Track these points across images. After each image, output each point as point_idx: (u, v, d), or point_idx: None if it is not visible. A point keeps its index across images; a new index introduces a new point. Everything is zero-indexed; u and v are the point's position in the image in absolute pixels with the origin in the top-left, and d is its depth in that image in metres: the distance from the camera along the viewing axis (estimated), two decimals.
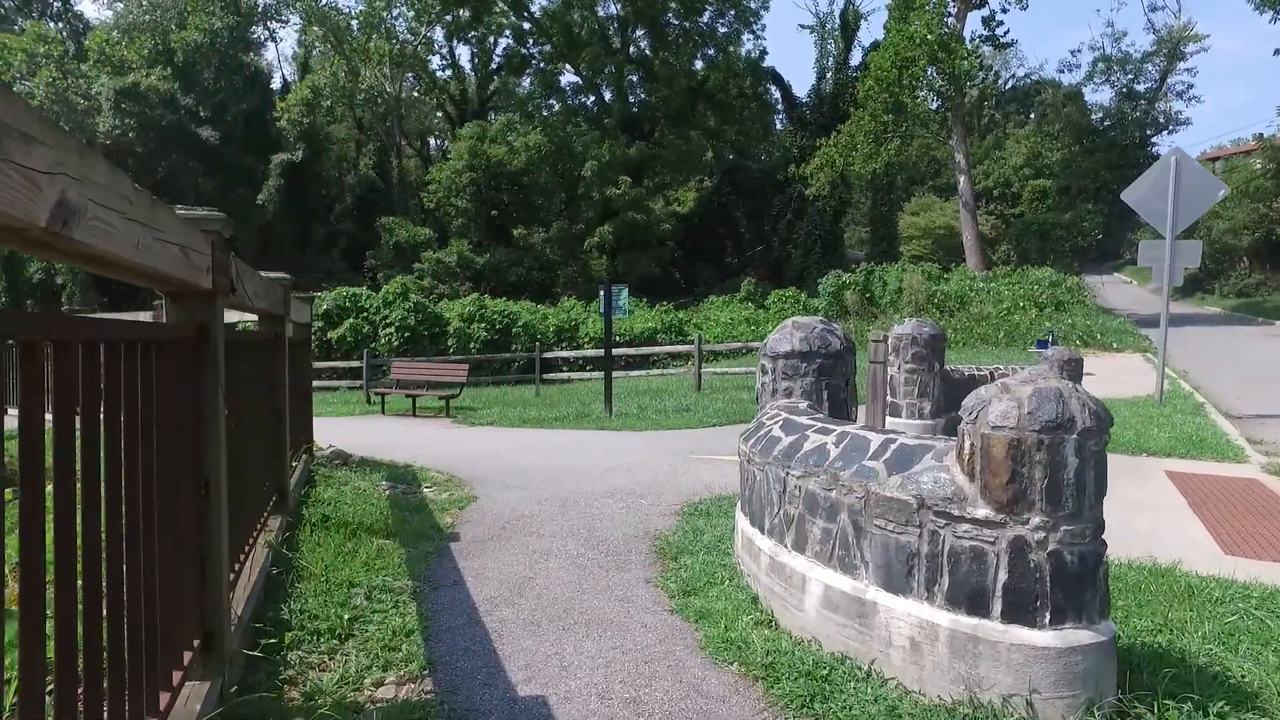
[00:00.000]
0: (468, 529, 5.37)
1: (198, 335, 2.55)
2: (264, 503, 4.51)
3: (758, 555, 3.77)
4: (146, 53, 41.71)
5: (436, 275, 34.73)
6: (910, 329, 9.04)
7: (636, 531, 5.20)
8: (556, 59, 45.16)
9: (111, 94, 38.90)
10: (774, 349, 5.00)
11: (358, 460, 7.98)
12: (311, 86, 40.52)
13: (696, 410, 12.20)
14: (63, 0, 53.32)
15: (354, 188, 42.57)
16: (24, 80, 41.63)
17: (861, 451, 3.13)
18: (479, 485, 6.88)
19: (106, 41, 42.82)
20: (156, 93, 39.37)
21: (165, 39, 41.67)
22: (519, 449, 9.16)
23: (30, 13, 50.66)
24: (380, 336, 24.32)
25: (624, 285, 12.08)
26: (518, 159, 39.07)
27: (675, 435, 10.02)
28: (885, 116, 30.82)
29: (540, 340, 23.56)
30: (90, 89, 40.68)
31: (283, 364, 4.91)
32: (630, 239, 38.28)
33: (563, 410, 13.12)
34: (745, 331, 26.16)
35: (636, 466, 7.60)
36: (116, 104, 38.97)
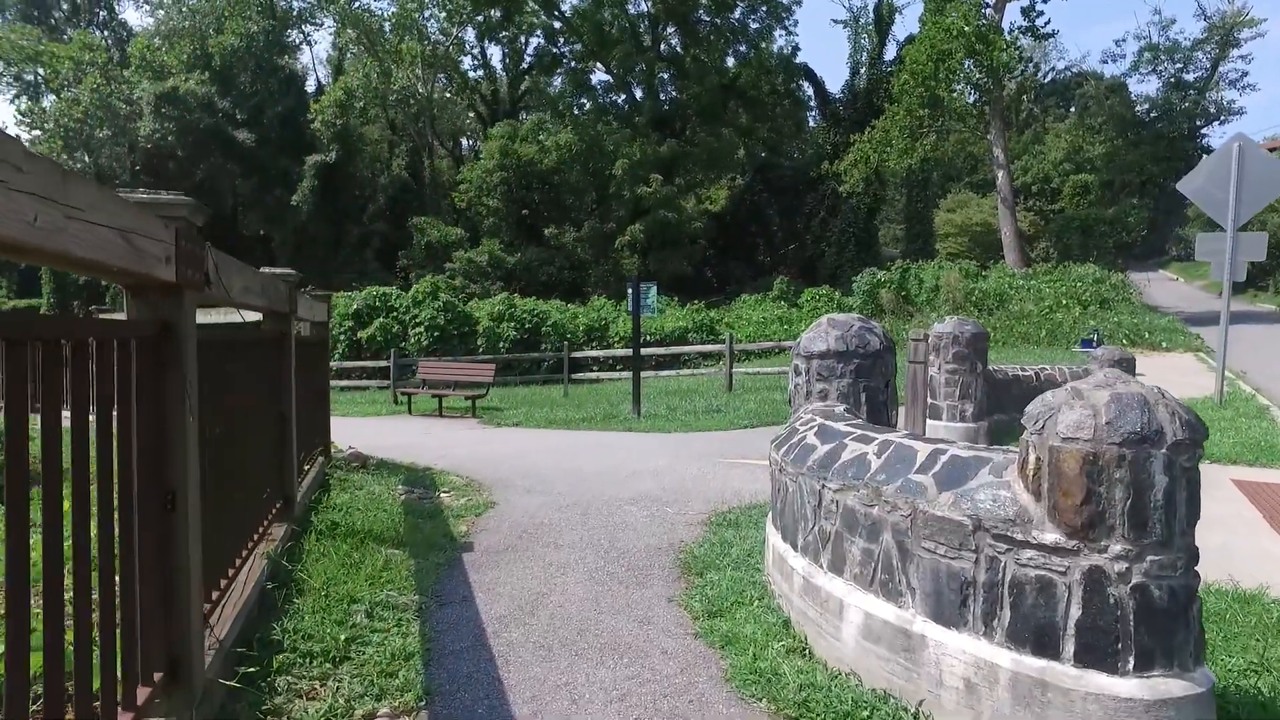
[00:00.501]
0: (483, 538, 5.10)
1: (160, 333, 2.29)
2: (265, 511, 4.27)
3: (790, 575, 3.43)
4: (186, 58, 42.33)
5: (468, 275, 34.73)
6: (951, 327, 8.61)
7: (660, 543, 4.88)
8: (587, 57, 44.99)
9: (152, 98, 39.53)
10: (808, 348, 4.65)
11: (376, 463, 7.76)
12: (344, 88, 40.81)
13: (727, 411, 11.85)
14: (109, 9, 54.43)
15: (387, 188, 42.78)
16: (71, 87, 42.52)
17: (907, 463, 2.78)
18: (499, 490, 6.61)
19: (148, 48, 43.55)
20: (195, 96, 39.92)
21: (203, 44, 42.26)
22: (543, 451, 8.90)
23: (78, 22, 51.75)
24: (410, 336, 24.29)
25: (653, 283, 11.78)
26: (548, 158, 38.96)
27: (705, 437, 9.69)
28: (921, 111, 30.13)
29: (570, 340, 23.34)
30: (132, 94, 41.39)
31: (288, 364, 4.67)
32: (662, 237, 37.97)
33: (590, 411, 12.85)
34: (778, 331, 25.70)
35: (663, 471, 7.29)
36: (156, 108, 39.59)
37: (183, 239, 2.27)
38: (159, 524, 2.29)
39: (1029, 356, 16.63)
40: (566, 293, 33.57)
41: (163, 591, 2.31)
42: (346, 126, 40.31)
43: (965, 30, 27.16)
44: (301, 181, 38.85)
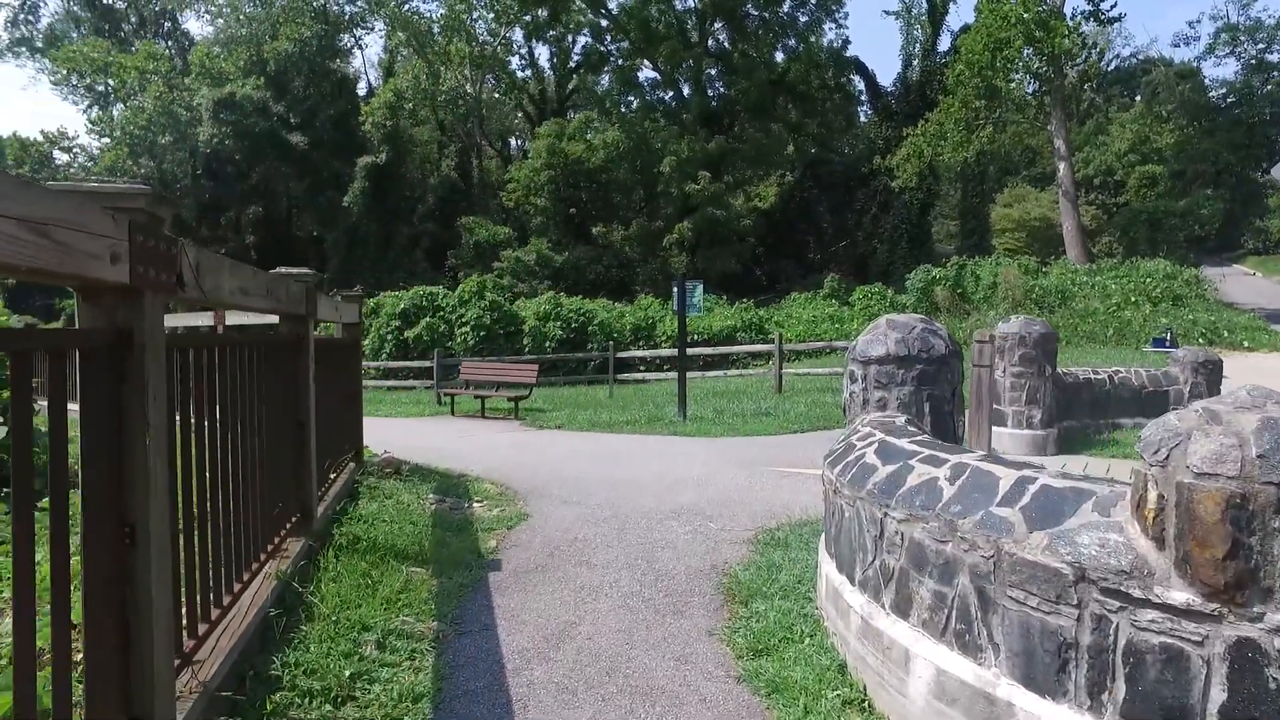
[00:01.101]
0: (512, 555, 4.77)
1: (116, 342, 1.99)
2: (277, 526, 4.00)
3: (847, 613, 3.02)
4: (242, 64, 43.24)
5: (516, 274, 34.70)
6: (1017, 327, 8.03)
7: (702, 564, 4.49)
8: (634, 55, 44.67)
9: (210, 104, 40.45)
10: (865, 352, 4.22)
11: (410, 469, 7.52)
12: (394, 90, 41.20)
13: (776, 414, 11.39)
14: (173, 21, 55.97)
15: (436, 188, 43.06)
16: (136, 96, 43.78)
17: (987, 493, 2.35)
18: (533, 500, 6.29)
19: (207, 55, 44.61)
20: (250, 101, 40.71)
21: (259, 50, 43.09)
22: (583, 456, 8.57)
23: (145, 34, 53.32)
24: (456, 335, 24.25)
25: (699, 281, 11.37)
26: (596, 156, 38.76)
27: (752, 443, 9.25)
28: (977, 102, 29.11)
29: (616, 339, 23.03)
30: (192, 101, 42.43)
31: (306, 369, 4.40)
32: (710, 235, 37.49)
33: (634, 413, 12.50)
34: (828, 330, 25.03)
35: (707, 480, 6.89)
36: (215, 113, 40.48)
37: (139, 234, 1.96)
38: (114, 562, 1.99)
39: (1095, 357, 15.78)
40: (614, 291, 33.32)
41: (119, 639, 2.01)
42: (396, 128, 40.68)
43: (1024, 17, 26.09)
44: (353, 183, 39.33)
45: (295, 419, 4.37)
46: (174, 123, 42.76)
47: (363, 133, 41.56)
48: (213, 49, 46.81)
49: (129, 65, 45.30)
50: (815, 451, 8.18)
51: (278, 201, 44.55)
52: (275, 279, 3.60)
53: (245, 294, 3.06)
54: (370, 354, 24.38)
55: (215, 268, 2.67)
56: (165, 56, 47.50)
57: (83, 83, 50.04)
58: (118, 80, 46.37)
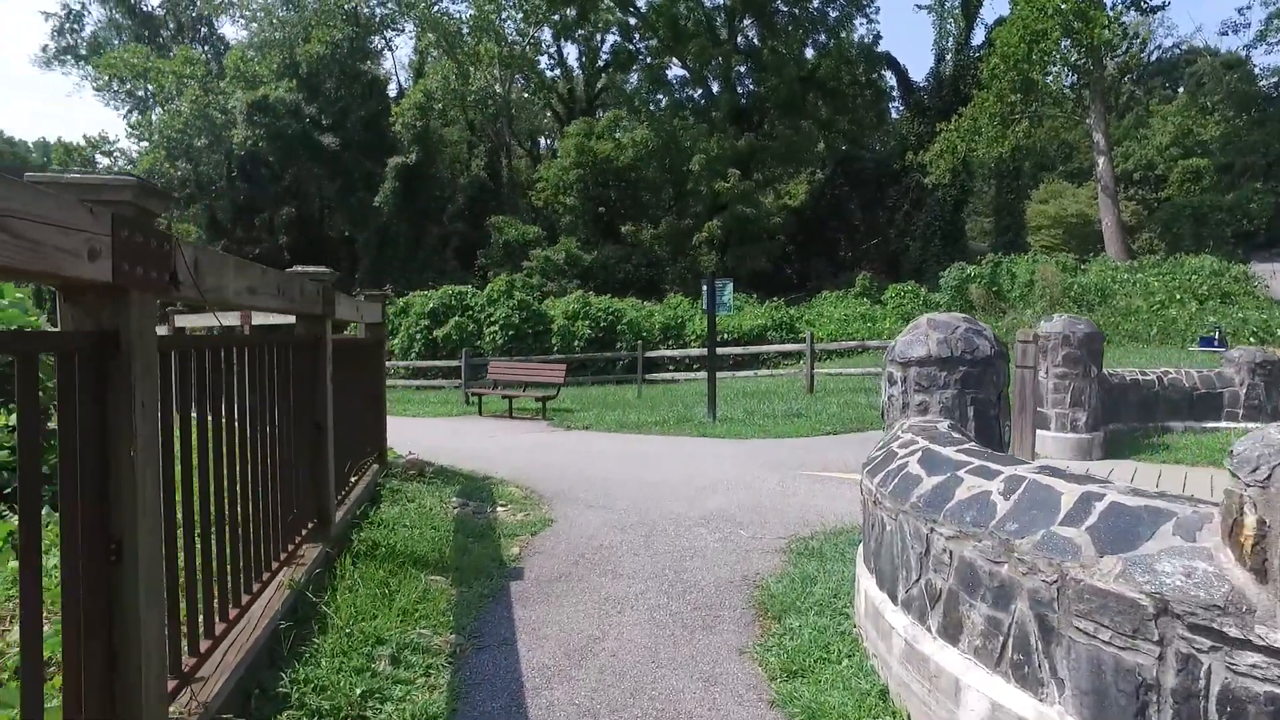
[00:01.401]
0: (535, 563, 4.61)
1: (99, 346, 1.84)
2: (292, 533, 3.88)
3: (888, 634, 2.81)
4: (275, 67, 43.75)
5: (545, 273, 34.69)
6: (1061, 326, 7.71)
7: (733, 575, 4.29)
8: (663, 53, 44.46)
9: (244, 107, 40.96)
10: (904, 354, 4.00)
11: (435, 471, 7.41)
12: (424, 90, 41.40)
13: (808, 416, 11.13)
14: (209, 26, 56.90)
15: (466, 188, 43.21)
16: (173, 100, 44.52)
17: (1047, 510, 2.13)
18: (558, 504, 6.13)
19: (241, 59, 45.21)
20: (283, 104, 41.16)
21: (292, 52, 43.56)
22: (611, 458, 8.40)
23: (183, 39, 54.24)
24: (485, 335, 24.25)
25: (728, 280, 11.14)
26: (625, 155, 38.63)
27: (783, 445, 9.02)
28: (1012, 96, 28.47)
29: (645, 338, 22.87)
30: (227, 104, 43.02)
31: (323, 370, 4.28)
32: (740, 233, 37.19)
33: (663, 414, 12.31)
34: (861, 329, 24.64)
35: (738, 484, 6.68)
36: (249, 116, 40.99)
37: (125, 229, 1.82)
38: (98, 580, 1.85)
39: (1139, 356, 15.29)
40: (643, 290, 33.18)
41: (104, 662, 1.87)
42: (426, 128, 40.90)
43: (1062, 8, 25.46)
44: (383, 183, 39.60)
45: (312, 421, 4.25)
46: (209, 126, 43.41)
47: (393, 133, 41.84)
48: (247, 52, 47.45)
49: (166, 70, 46.10)
50: (849, 454, 7.95)
51: (310, 202, 45.02)
52: (287, 278, 3.47)
53: (254, 293, 2.93)
54: (400, 353, 24.48)
55: (217, 266, 2.53)
56: (201, 61, 48.26)
57: (123, 88, 51.04)
58: (156, 85, 47.20)
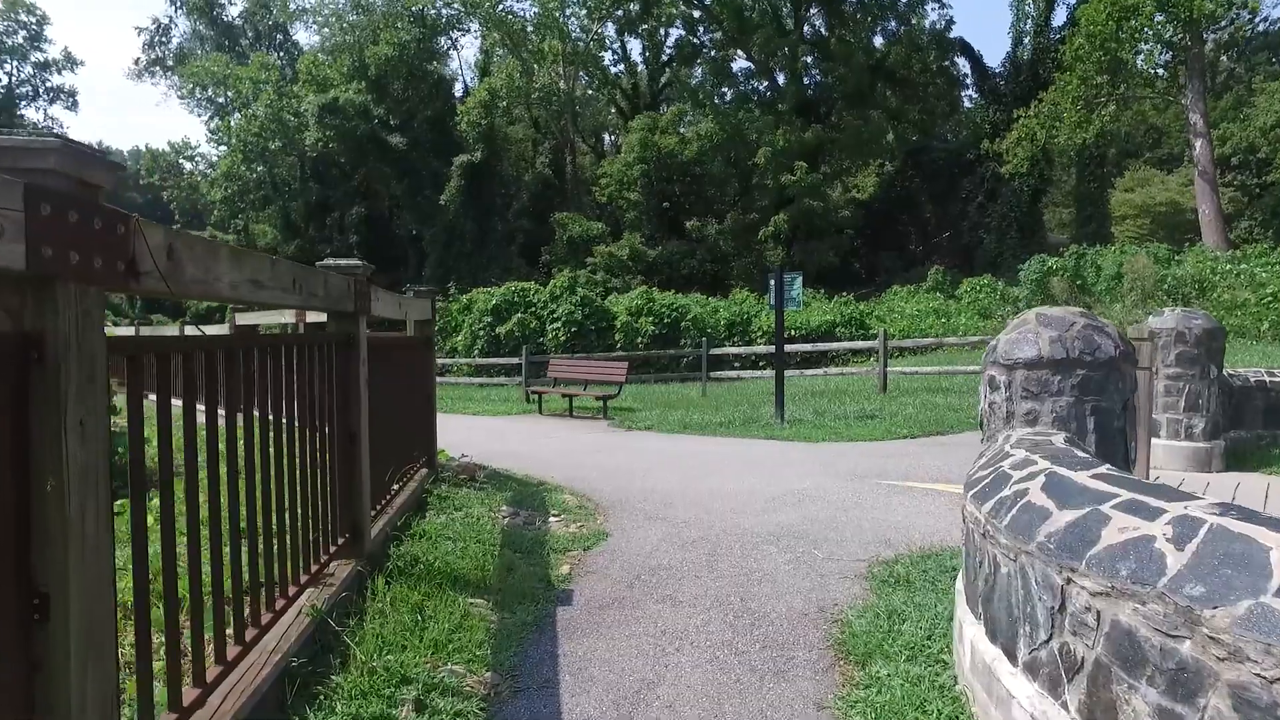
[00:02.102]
0: (586, 584, 4.19)
1: (19, 349, 1.48)
2: (318, 550, 3.54)
3: (1005, 703, 2.28)
4: (345, 70, 44.62)
5: (609, 269, 34.47)
6: (1174, 321, 6.93)
7: (807, 605, 3.79)
8: (727, 45, 43.77)
9: (315, 109, 41.86)
10: (1010, 354, 3.43)
11: (488, 475, 7.07)
12: (489, 89, 41.62)
13: (882, 417, 10.47)
14: (284, 33, 58.58)
15: (530, 185, 43.32)
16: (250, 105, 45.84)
17: (1249, 570, 1.59)
18: (615, 514, 5.71)
19: (313, 63, 46.26)
20: (353, 105, 41.92)
21: (361, 55, 44.34)
22: (673, 463, 7.94)
23: (260, 46, 55.98)
24: (547, 331, 24.07)
25: (798, 273, 10.56)
26: (689, 149, 38.13)
27: (858, 450, 8.42)
28: (1098, 78, 26.86)
29: (710, 335, 22.33)
30: (300, 107, 44.06)
31: (355, 373, 3.93)
32: (807, 227, 36.32)
33: (729, 414, 11.80)
34: (934, 325, 23.64)
35: (810, 495, 6.14)
36: (320, 118, 41.88)
37: (46, 204, 1.44)
38: (14, 643, 1.48)
39: (1249, 355, 14.08)
40: (708, 286, 32.64)
41: None
42: (491, 126, 41.11)
43: None
44: (449, 181, 39.96)
45: (345, 430, 3.91)
46: (283, 129, 44.57)
47: (459, 132, 42.22)
48: (318, 56, 48.55)
49: (244, 76, 47.49)
50: (930, 461, 7.32)
51: (379, 201, 45.81)
52: (307, 271, 3.11)
53: (260, 287, 2.56)
54: (463, 350, 24.50)
55: (204, 254, 2.16)
56: (276, 66, 49.58)
57: (204, 96, 52.83)
58: (234, 91, 48.70)
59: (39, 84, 70.49)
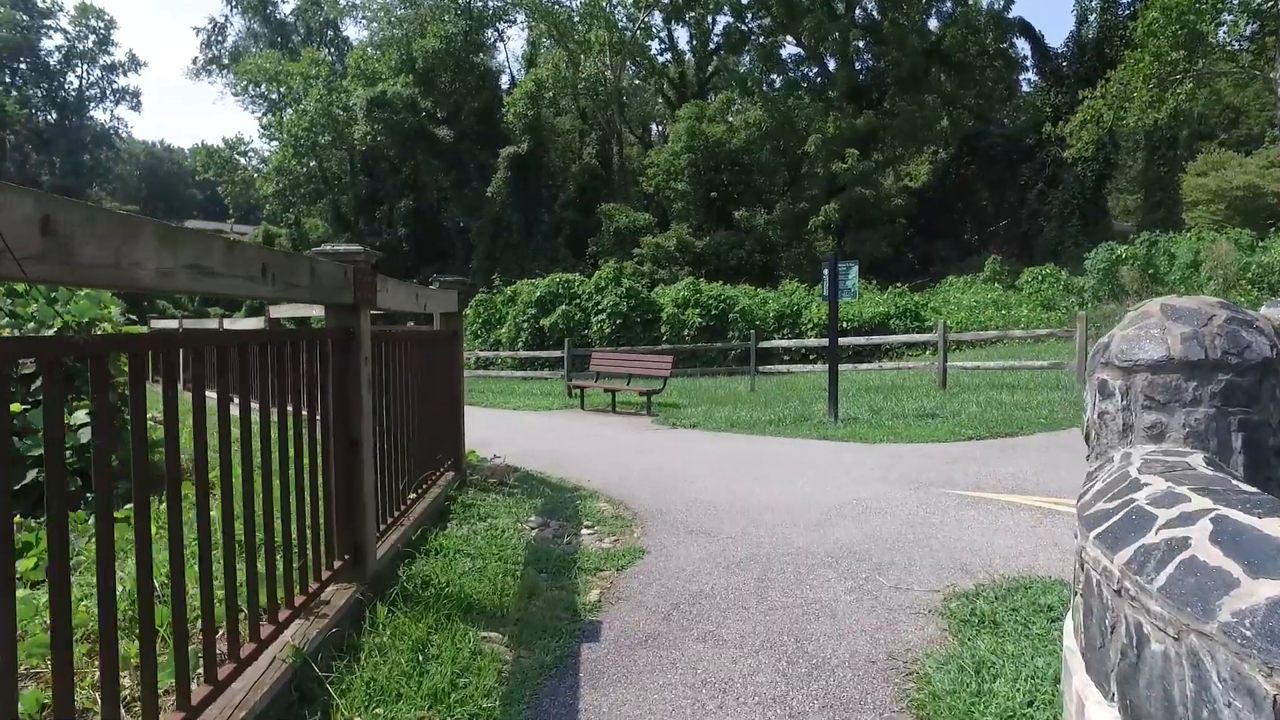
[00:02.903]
0: (618, 615, 3.68)
1: None
2: (308, 576, 3.09)
3: None
4: (393, 63, 44.80)
5: (656, 260, 33.94)
6: None
7: (873, 649, 3.21)
8: (776, 31, 42.78)
9: (364, 103, 42.10)
10: (1128, 354, 2.81)
11: (519, 478, 6.62)
12: (535, 79, 41.39)
13: (944, 417, 9.76)
14: (334, 29, 59.27)
15: (577, 176, 43.00)
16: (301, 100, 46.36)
17: None
18: (654, 527, 5.19)
19: (362, 57, 46.57)
20: (400, 98, 42.05)
21: (409, 48, 44.46)
22: (719, 465, 7.39)
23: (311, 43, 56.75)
24: (592, 323, 23.66)
25: (853, 262, 9.89)
26: (737, 137, 37.35)
27: (919, 452, 7.76)
28: (1173, 54, 25.31)
29: (759, 327, 21.67)
30: (349, 101, 44.38)
31: (356, 373, 3.48)
32: (858, 216, 35.33)
33: (778, 411, 11.20)
34: (993, 317, 22.61)
35: (871, 506, 5.54)
36: (368, 111, 42.12)
37: None
38: None
39: None
40: (756, 277, 31.90)
41: None
42: (538, 118, 40.88)
43: None
44: (496, 173, 39.85)
45: (344, 436, 3.46)
46: (332, 123, 44.95)
47: (505, 124, 42.08)
48: (367, 51, 48.88)
49: (295, 72, 48.04)
50: (1002, 468, 6.64)
51: (427, 194, 45.97)
52: (283, 258, 2.64)
53: (206, 274, 2.10)
54: (507, 343, 24.24)
55: (112, 232, 1.69)
56: (326, 62, 50.03)
57: (258, 92, 53.67)
58: (285, 87, 49.32)
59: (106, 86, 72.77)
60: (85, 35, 71.24)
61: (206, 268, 2.10)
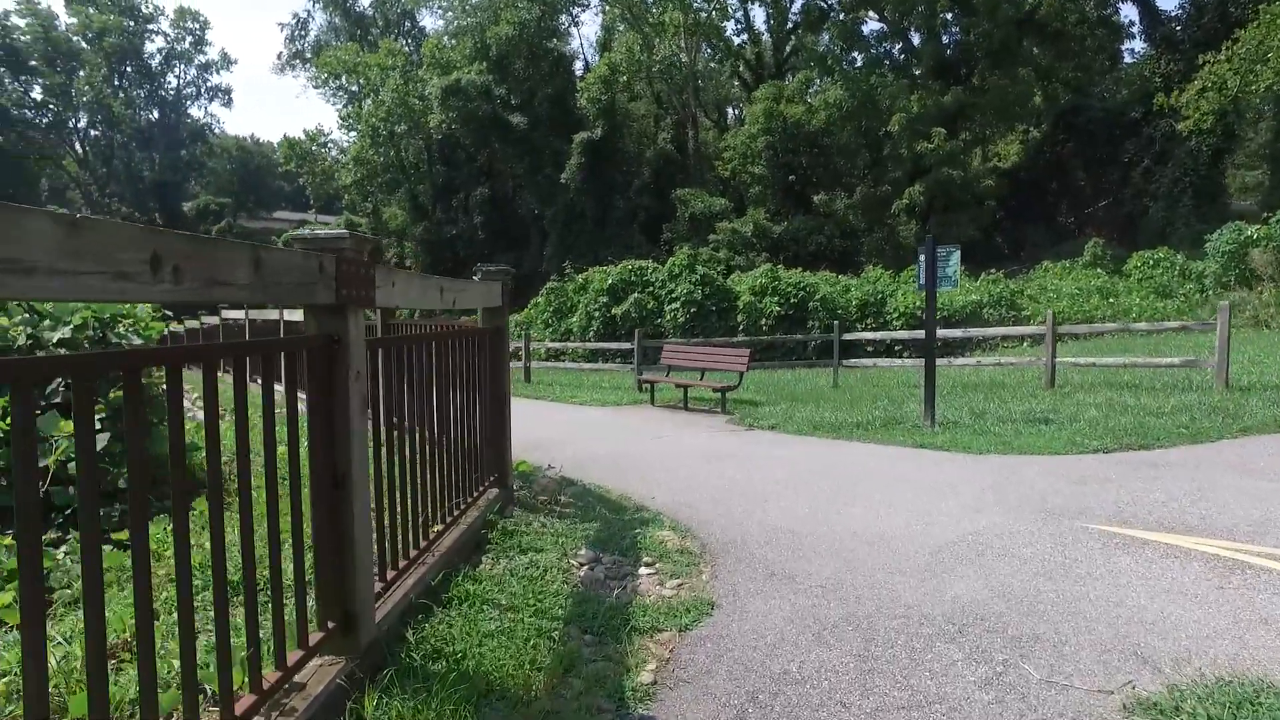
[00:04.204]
0: (675, 705, 2.84)
1: None
2: (282, 651, 2.36)
3: None
4: (468, 51, 44.78)
5: (732, 246, 32.86)
6: None
7: None
8: (858, 7, 40.82)
9: (439, 92, 42.17)
10: None
11: (575, 493, 5.85)
12: (609, 63, 40.76)
13: (1059, 422, 8.55)
14: (411, 19, 59.92)
15: (652, 161, 42.14)
16: (378, 91, 46.81)
17: None
18: (726, 566, 4.33)
19: (437, 46, 46.72)
20: (474, 86, 41.95)
21: (482, 36, 44.35)
22: (802, 481, 6.47)
23: (389, 34, 57.49)
24: (665, 312, 22.84)
25: (954, 246, 8.74)
26: (816, 118, 35.82)
27: (1036, 467, 6.65)
28: None
29: (841, 316, 20.45)
30: (424, 90, 44.56)
31: (343, 389, 2.73)
32: (945, 199, 33.44)
33: (866, 411, 10.16)
34: (1099, 305, 20.80)
35: (991, 544, 4.54)
36: (443, 100, 42.18)
37: None
38: None
39: None
40: (837, 263, 30.52)
41: None
42: (612, 102, 40.25)
43: None
44: (569, 159, 39.39)
45: (328, 473, 2.72)
46: (408, 113, 45.22)
47: (579, 110, 41.57)
48: (442, 40, 49.03)
49: (371, 63, 48.56)
50: (1149, 493, 5.49)
51: (502, 182, 45.87)
52: (194, 245, 1.87)
53: (20, 273, 1.35)
54: (578, 332, 23.65)
55: None
56: (403, 53, 50.43)
57: (337, 85, 54.60)
58: (364, 78, 49.93)
59: (200, 84, 75.70)
60: (183, 37, 74.19)
61: (18, 260, 1.34)
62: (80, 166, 73.06)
